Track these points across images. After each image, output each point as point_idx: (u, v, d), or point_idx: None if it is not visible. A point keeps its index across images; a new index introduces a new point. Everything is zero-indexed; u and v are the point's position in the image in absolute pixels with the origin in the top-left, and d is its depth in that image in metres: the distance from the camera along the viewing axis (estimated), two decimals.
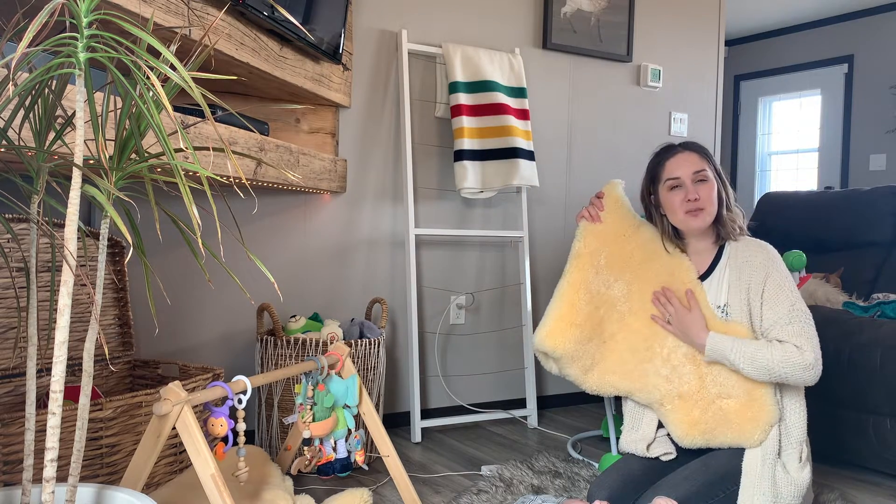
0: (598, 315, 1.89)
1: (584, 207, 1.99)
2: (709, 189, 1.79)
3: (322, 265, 2.72)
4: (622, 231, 1.93)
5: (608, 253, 1.92)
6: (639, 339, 1.87)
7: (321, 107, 2.67)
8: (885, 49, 5.10)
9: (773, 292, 1.73)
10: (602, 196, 1.97)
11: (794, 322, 1.70)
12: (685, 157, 1.83)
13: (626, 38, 3.34)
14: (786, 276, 1.76)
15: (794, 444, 1.75)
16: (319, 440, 1.89)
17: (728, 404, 1.76)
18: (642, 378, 1.84)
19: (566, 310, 1.87)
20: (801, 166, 5.70)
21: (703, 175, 1.80)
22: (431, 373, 2.94)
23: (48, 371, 1.82)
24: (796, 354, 1.66)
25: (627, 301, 1.89)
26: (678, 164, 1.83)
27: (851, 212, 3.03)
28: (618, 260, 1.92)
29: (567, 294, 1.88)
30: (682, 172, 1.81)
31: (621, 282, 1.90)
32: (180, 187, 1.01)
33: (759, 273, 1.76)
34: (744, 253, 1.81)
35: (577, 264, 1.91)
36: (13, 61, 0.90)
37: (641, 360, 1.86)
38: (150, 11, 1.53)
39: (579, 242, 1.93)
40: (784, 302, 1.72)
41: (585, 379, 1.88)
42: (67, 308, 1.02)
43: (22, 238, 1.80)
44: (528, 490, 2.12)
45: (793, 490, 1.70)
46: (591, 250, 1.91)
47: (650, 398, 1.84)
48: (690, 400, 1.79)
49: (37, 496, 1.22)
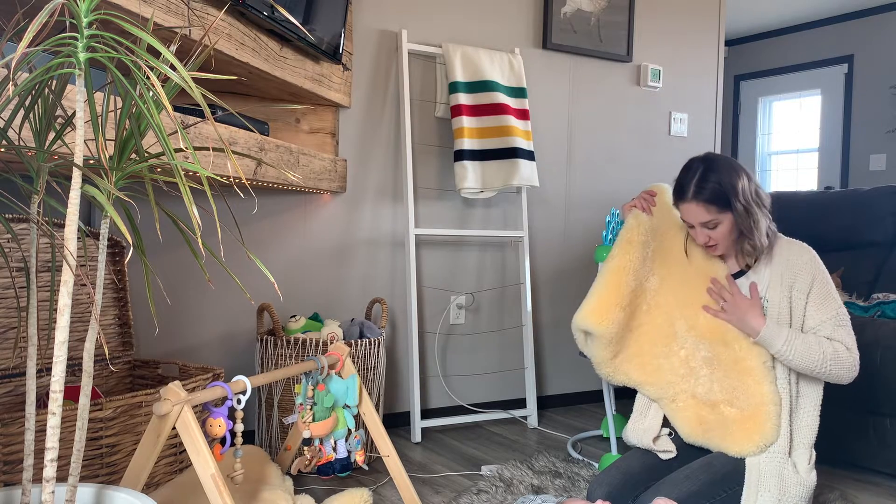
0: (635, 303, 1.90)
1: (633, 199, 2.00)
2: (721, 232, 1.78)
3: (322, 265, 2.72)
4: (667, 229, 1.95)
5: (655, 247, 1.94)
6: (659, 335, 1.89)
7: (321, 107, 2.67)
8: (885, 49, 5.10)
9: (821, 295, 1.77)
10: (654, 194, 1.99)
11: (842, 325, 1.75)
12: (692, 210, 1.78)
13: (626, 38, 3.34)
14: (830, 281, 1.81)
15: (806, 445, 1.78)
16: (319, 440, 1.89)
17: (730, 412, 1.80)
18: (656, 373, 1.87)
19: (612, 290, 1.86)
20: (801, 166, 5.70)
21: (714, 223, 1.78)
22: (431, 373, 2.94)
23: (48, 371, 1.82)
24: (846, 354, 1.72)
25: (657, 296, 1.91)
26: (687, 213, 1.81)
27: (851, 212, 3.03)
28: (660, 254, 1.93)
29: (614, 276, 1.88)
30: (691, 221, 1.81)
31: (657, 276, 1.92)
32: (180, 187, 1.01)
33: (805, 273, 1.78)
34: (787, 252, 1.83)
35: (627, 249, 1.90)
36: (13, 61, 0.90)
37: (657, 356, 1.88)
38: (150, 11, 1.53)
39: (633, 230, 1.92)
40: (833, 305, 1.76)
41: (609, 363, 1.88)
42: (67, 308, 1.02)
43: (22, 238, 1.80)
44: (528, 490, 2.12)
45: (801, 490, 1.71)
46: (642, 240, 1.92)
47: (661, 393, 1.86)
48: (702, 400, 1.83)
49: (37, 496, 1.22)
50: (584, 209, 3.31)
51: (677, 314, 1.89)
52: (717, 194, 1.75)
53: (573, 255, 3.26)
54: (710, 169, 1.77)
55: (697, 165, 1.79)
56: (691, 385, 1.84)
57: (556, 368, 3.25)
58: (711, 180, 1.75)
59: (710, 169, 1.77)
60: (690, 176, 1.78)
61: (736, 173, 1.76)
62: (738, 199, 1.74)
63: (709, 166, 1.78)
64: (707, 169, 1.77)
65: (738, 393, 1.79)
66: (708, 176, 1.76)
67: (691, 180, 1.77)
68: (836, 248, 3.05)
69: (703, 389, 1.83)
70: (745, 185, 1.76)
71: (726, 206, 1.75)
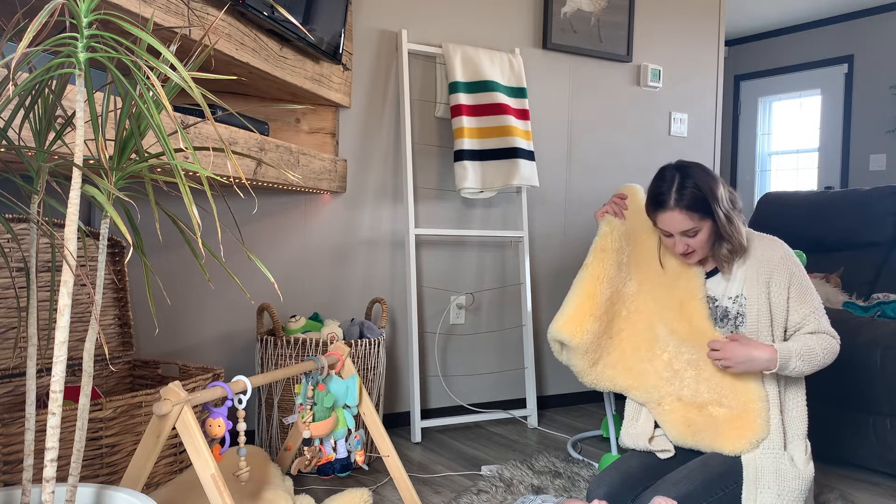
0: (612, 310, 1.90)
1: (604, 204, 1.98)
2: (699, 240, 1.77)
3: (322, 265, 2.72)
4: (641, 232, 1.94)
5: (630, 251, 1.93)
6: (641, 340, 1.89)
7: (321, 107, 2.67)
8: (885, 49, 5.10)
9: (801, 289, 1.77)
10: (625, 197, 1.98)
11: (823, 315, 1.78)
12: (674, 218, 1.74)
13: (626, 38, 3.34)
14: (804, 272, 1.81)
15: (800, 436, 1.78)
16: (319, 440, 1.89)
17: (719, 412, 1.80)
18: (641, 377, 1.87)
19: (586, 301, 1.86)
20: (801, 166, 5.70)
21: (694, 231, 1.76)
22: (431, 373, 2.94)
23: (48, 371, 1.82)
24: (834, 343, 1.76)
25: (636, 300, 1.91)
26: (666, 222, 1.77)
27: (851, 212, 3.03)
28: (635, 259, 1.93)
29: (588, 285, 1.88)
30: (671, 230, 1.78)
31: (634, 280, 1.92)
32: (180, 187, 1.01)
33: (781, 269, 1.77)
34: (759, 249, 1.82)
35: (601, 257, 1.90)
36: (13, 61, 0.90)
37: (642, 360, 1.88)
38: (150, 11, 1.53)
39: (606, 237, 1.92)
40: (812, 296, 1.78)
41: (589, 371, 1.89)
42: (67, 308, 1.02)
43: (22, 238, 1.80)
44: (528, 490, 2.12)
45: (799, 483, 1.71)
46: (617, 246, 1.91)
47: (648, 397, 1.86)
48: (688, 403, 1.83)
49: (37, 496, 1.22)
50: (584, 209, 3.30)
51: (656, 318, 1.88)
52: (698, 200, 1.72)
53: (573, 255, 3.26)
54: (687, 175, 1.74)
55: (672, 173, 1.76)
56: (676, 388, 1.84)
57: (556, 368, 3.25)
58: (689, 186, 1.72)
59: (686, 175, 1.74)
60: (668, 184, 1.74)
61: (712, 178, 1.74)
62: (720, 205, 1.72)
63: (684, 173, 1.74)
64: (684, 176, 1.74)
65: (725, 392, 1.79)
66: (686, 182, 1.73)
67: (670, 188, 1.73)
68: (836, 248, 3.05)
69: (690, 391, 1.83)
70: (722, 189, 1.75)
71: (707, 213, 1.73)
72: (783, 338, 1.78)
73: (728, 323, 1.84)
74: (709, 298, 1.86)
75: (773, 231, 1.91)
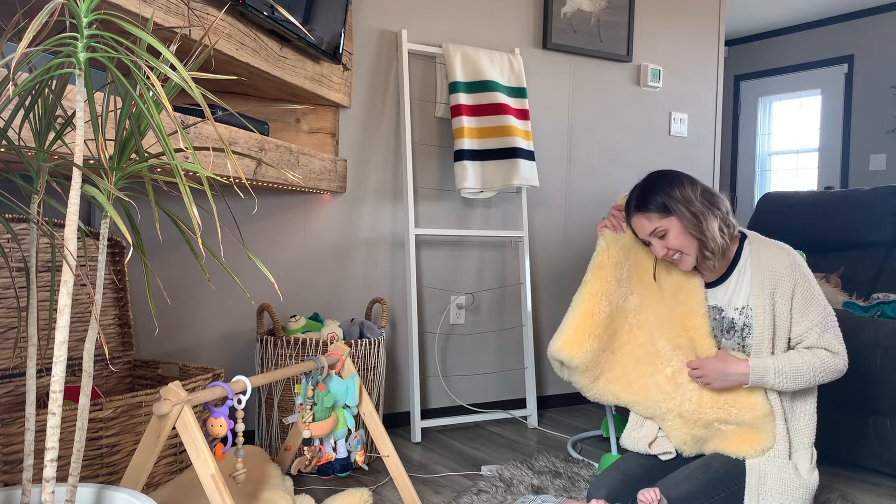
0: (613, 326, 1.90)
1: (604, 218, 1.99)
2: (674, 237, 1.76)
3: (322, 265, 2.72)
4: (641, 245, 1.92)
5: (630, 266, 1.92)
6: (643, 354, 1.88)
7: (321, 107, 2.67)
8: (885, 49, 5.10)
9: (805, 299, 1.75)
10: (622, 209, 1.97)
11: (829, 328, 1.75)
12: (639, 223, 1.80)
13: (626, 38, 3.34)
14: (813, 282, 1.79)
15: (806, 445, 1.77)
16: (319, 440, 1.89)
17: (727, 428, 1.79)
18: (643, 392, 1.87)
19: (585, 319, 1.86)
20: (801, 166, 5.70)
21: (661, 231, 1.76)
22: (431, 373, 2.94)
23: (48, 371, 1.82)
24: (832, 360, 1.72)
25: (637, 314, 1.90)
26: (637, 229, 1.83)
27: (851, 212, 3.03)
28: (636, 272, 1.92)
29: (587, 304, 1.88)
30: (642, 234, 1.81)
31: (636, 295, 1.91)
32: (180, 187, 1.01)
33: (786, 279, 1.75)
34: (766, 256, 1.79)
35: (600, 275, 1.90)
36: (13, 61, 0.90)
37: (643, 374, 1.87)
38: (150, 11, 1.53)
39: (604, 253, 1.92)
40: (818, 308, 1.75)
41: (592, 387, 1.90)
42: (67, 308, 1.02)
43: (22, 238, 1.80)
44: (528, 490, 2.12)
45: (803, 492, 1.71)
46: (615, 262, 1.91)
47: (651, 412, 1.86)
48: (691, 419, 1.81)
49: (37, 496, 1.22)
50: (584, 209, 3.30)
51: (658, 333, 1.87)
52: (656, 202, 1.77)
53: (573, 255, 3.26)
54: (649, 182, 1.83)
55: (638, 184, 1.85)
56: (677, 403, 1.82)
57: None
58: (649, 190, 1.79)
59: (648, 182, 1.82)
60: (632, 193, 1.84)
61: (677, 181, 1.78)
62: (678, 202, 1.75)
63: (647, 181, 1.83)
64: (646, 182, 1.83)
65: (729, 406, 1.77)
66: (646, 188, 1.81)
67: (633, 196, 1.83)
68: (836, 248, 3.05)
69: (692, 406, 1.80)
70: (687, 189, 1.76)
71: (667, 211, 1.75)
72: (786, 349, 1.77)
73: (735, 334, 1.82)
74: (714, 309, 1.85)
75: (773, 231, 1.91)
